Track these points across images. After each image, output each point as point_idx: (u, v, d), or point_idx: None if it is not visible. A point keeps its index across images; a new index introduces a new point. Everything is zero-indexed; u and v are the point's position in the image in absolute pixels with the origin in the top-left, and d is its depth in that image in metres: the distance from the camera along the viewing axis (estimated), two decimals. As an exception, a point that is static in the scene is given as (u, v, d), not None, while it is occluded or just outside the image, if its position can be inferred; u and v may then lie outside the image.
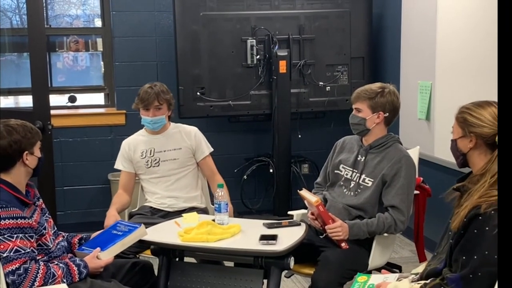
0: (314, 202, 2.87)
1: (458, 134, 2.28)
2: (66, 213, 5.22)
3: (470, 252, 2.06)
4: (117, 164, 3.62)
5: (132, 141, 3.62)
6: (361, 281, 2.43)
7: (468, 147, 2.23)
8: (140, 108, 3.52)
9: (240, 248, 2.74)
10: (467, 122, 2.23)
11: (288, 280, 3.87)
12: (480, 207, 2.06)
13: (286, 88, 5.08)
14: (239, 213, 4.67)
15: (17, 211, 2.45)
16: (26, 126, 2.60)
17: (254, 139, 5.60)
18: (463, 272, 2.05)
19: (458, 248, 2.11)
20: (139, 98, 3.51)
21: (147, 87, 3.51)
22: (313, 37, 5.22)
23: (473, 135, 2.21)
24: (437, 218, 2.29)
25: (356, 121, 3.08)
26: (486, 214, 2.04)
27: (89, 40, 5.61)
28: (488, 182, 2.11)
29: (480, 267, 2.02)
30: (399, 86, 4.84)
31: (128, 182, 3.59)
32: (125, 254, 2.97)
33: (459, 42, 4.13)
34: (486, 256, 2.02)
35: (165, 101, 3.51)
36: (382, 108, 3.02)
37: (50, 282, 2.44)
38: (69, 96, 5.48)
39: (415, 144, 3.74)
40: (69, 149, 5.26)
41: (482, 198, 2.08)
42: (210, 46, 5.05)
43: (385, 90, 3.03)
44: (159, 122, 3.53)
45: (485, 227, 2.03)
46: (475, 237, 2.06)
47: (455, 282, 2.06)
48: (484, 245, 2.02)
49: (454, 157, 2.33)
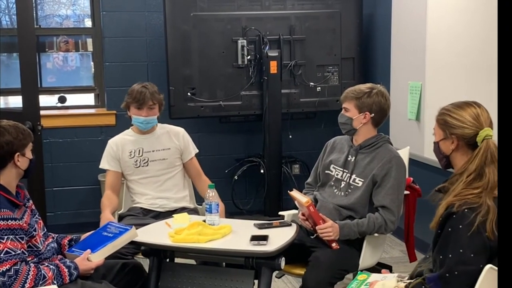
0: (305, 202, 2.88)
1: (439, 136, 2.29)
2: (56, 214, 5.20)
3: (446, 251, 2.08)
4: (103, 164, 3.57)
5: (119, 140, 3.59)
6: (360, 279, 2.45)
7: (450, 148, 2.25)
8: (132, 107, 3.50)
9: (231, 248, 2.74)
10: (448, 124, 2.24)
11: (279, 281, 3.87)
12: (453, 206, 2.07)
13: (277, 89, 5.08)
14: (230, 213, 4.67)
15: (7, 213, 2.44)
16: (18, 127, 2.59)
17: (245, 139, 5.60)
18: (441, 272, 2.07)
19: (436, 248, 2.13)
20: (132, 97, 3.48)
21: (139, 86, 3.50)
22: (303, 38, 5.23)
23: (455, 137, 2.22)
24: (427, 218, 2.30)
25: (343, 121, 3.10)
26: (459, 212, 2.06)
27: (79, 40, 5.59)
28: (463, 182, 2.13)
29: (456, 265, 2.04)
30: (389, 87, 4.85)
31: (116, 182, 3.55)
32: (122, 255, 2.97)
33: (449, 43, 4.15)
34: (461, 254, 2.03)
35: (158, 101, 3.51)
36: (368, 109, 3.03)
37: (41, 284, 2.43)
38: (59, 96, 5.46)
39: (405, 144, 3.75)
40: (59, 150, 5.23)
41: (457, 197, 2.10)
42: (200, 47, 5.05)
43: (373, 91, 3.03)
44: (151, 122, 3.52)
45: (458, 225, 2.05)
46: (449, 236, 2.07)
47: (433, 282, 2.08)
48: (459, 243, 2.04)
49: (438, 159, 2.34)
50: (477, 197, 2.07)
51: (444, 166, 2.33)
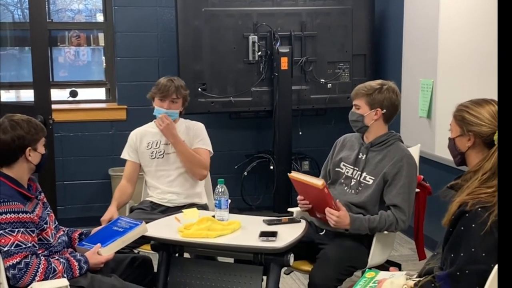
0: (321, 185, 2.79)
1: (456, 133, 2.27)
2: (66, 208, 5.23)
3: (457, 250, 2.06)
4: (123, 154, 3.63)
5: (140, 132, 3.64)
6: (368, 277, 2.44)
7: (466, 146, 2.22)
8: (156, 98, 3.52)
9: (240, 244, 2.74)
10: (465, 121, 2.22)
11: (288, 277, 3.87)
12: (467, 205, 2.06)
13: (287, 85, 5.08)
14: (239, 209, 4.68)
15: (18, 206, 2.45)
16: (31, 122, 2.59)
17: (255, 135, 5.60)
18: (451, 270, 2.06)
19: (447, 246, 2.12)
20: (157, 88, 3.52)
21: (166, 79, 3.54)
22: (315, 34, 5.22)
23: (472, 134, 2.20)
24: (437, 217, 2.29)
25: (355, 118, 3.08)
26: (472, 211, 2.04)
27: (90, 35, 5.61)
28: (478, 180, 2.11)
29: (467, 264, 2.03)
30: (400, 84, 4.84)
31: (133, 172, 3.59)
32: (127, 247, 2.98)
33: (461, 40, 4.12)
34: (473, 254, 2.02)
35: (182, 96, 3.53)
36: (379, 105, 3.02)
37: (51, 277, 2.45)
38: (71, 90, 5.49)
39: (416, 142, 3.74)
40: (70, 144, 5.26)
41: (470, 196, 2.08)
42: (211, 42, 5.05)
43: (384, 87, 3.03)
44: (172, 115, 3.53)
45: (471, 224, 2.04)
46: (461, 235, 2.06)
47: (443, 280, 2.07)
48: (471, 242, 2.03)
49: (452, 155, 2.32)
50: (491, 196, 2.06)
51: (458, 163, 2.31)
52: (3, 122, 2.56)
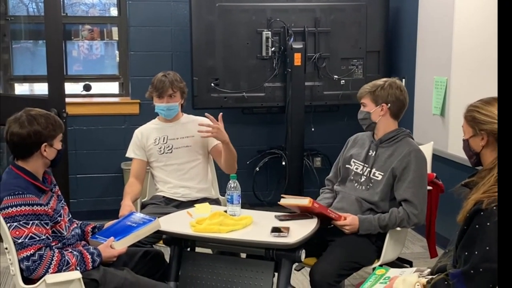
0: (308, 203, 2.83)
1: (469, 134, 2.27)
2: (79, 201, 5.26)
3: (472, 248, 2.06)
4: (129, 153, 3.64)
5: (144, 129, 3.65)
6: (379, 273, 2.44)
7: (480, 145, 2.22)
8: (154, 96, 3.55)
9: (252, 239, 2.74)
10: (477, 120, 2.22)
11: (299, 273, 3.87)
12: (482, 203, 2.06)
13: (300, 81, 5.07)
14: (251, 205, 4.68)
15: (33, 198, 2.47)
16: (49, 118, 2.59)
17: (267, 131, 5.60)
18: (465, 268, 2.05)
19: (461, 244, 2.12)
20: (153, 86, 3.55)
21: (160, 75, 3.55)
22: (328, 30, 5.20)
23: (484, 133, 2.20)
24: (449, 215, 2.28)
25: (362, 116, 3.12)
26: (487, 210, 2.04)
27: (104, 29, 5.62)
28: (494, 177, 2.11)
29: (481, 262, 2.02)
30: (414, 81, 4.82)
31: (140, 170, 3.61)
32: (141, 243, 2.99)
33: (476, 38, 4.10)
34: (487, 252, 2.01)
35: (178, 89, 3.54)
36: (383, 100, 3.04)
37: (64, 270, 2.47)
38: (84, 84, 5.51)
39: (429, 139, 3.73)
40: (83, 137, 5.29)
41: (486, 194, 2.08)
42: (225, 37, 5.05)
43: (386, 83, 3.06)
44: (172, 109, 3.55)
45: (486, 223, 2.03)
46: (476, 233, 2.06)
47: (456, 278, 2.06)
48: (486, 240, 2.02)
49: (467, 156, 2.31)
50: None
51: (474, 163, 2.30)
52: (21, 116, 2.56)
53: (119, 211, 3.26)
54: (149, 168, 3.67)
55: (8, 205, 2.44)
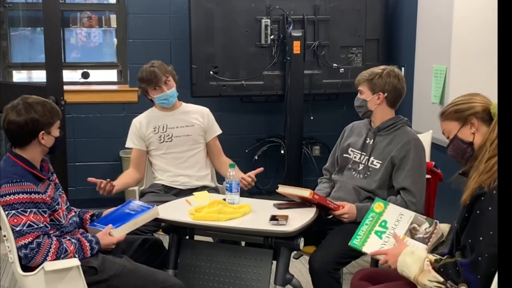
0: (309, 195, 2.83)
1: (456, 128, 2.27)
2: (77, 189, 5.25)
3: (476, 235, 2.06)
4: (128, 143, 3.63)
5: (143, 118, 3.63)
6: (376, 210, 2.44)
7: (471, 132, 2.23)
8: (150, 89, 3.51)
9: (250, 228, 2.74)
10: (458, 111, 2.25)
11: (297, 262, 3.88)
12: (483, 187, 2.06)
13: (299, 69, 5.05)
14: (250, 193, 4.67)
15: (31, 186, 2.47)
16: (46, 105, 2.57)
17: (266, 119, 5.60)
18: (472, 257, 2.06)
19: (465, 232, 2.12)
20: (144, 80, 3.50)
21: (147, 67, 3.51)
22: (328, 18, 5.18)
23: (470, 117, 2.23)
24: (448, 203, 2.28)
25: (359, 103, 3.11)
26: (488, 194, 2.05)
27: (102, 16, 5.60)
28: (488, 150, 2.13)
29: (486, 248, 2.03)
30: (413, 69, 4.80)
31: (139, 160, 3.60)
32: (142, 232, 3.00)
33: (475, 26, 4.08)
34: (491, 237, 2.02)
35: (170, 73, 3.53)
36: (380, 89, 3.03)
37: (62, 257, 2.46)
38: (82, 72, 5.49)
39: (428, 128, 3.72)
40: (81, 125, 5.28)
41: (485, 175, 2.09)
42: (224, 25, 5.03)
43: (384, 72, 3.05)
44: (173, 95, 3.55)
45: (487, 208, 2.04)
46: (478, 219, 2.06)
47: (464, 266, 2.07)
48: (488, 225, 2.03)
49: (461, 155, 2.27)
50: None
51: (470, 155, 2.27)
52: (17, 104, 2.55)
53: None
54: (148, 157, 3.66)
55: (6, 192, 2.44)
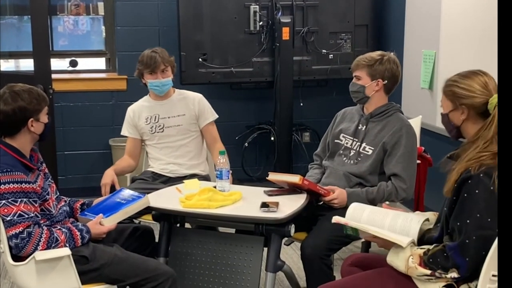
0: (298, 180, 2.84)
1: (448, 108, 2.28)
2: (67, 178, 5.25)
3: (463, 217, 2.08)
4: (123, 131, 3.65)
5: (136, 107, 3.64)
6: None
7: (460, 119, 2.24)
8: (146, 73, 3.50)
9: (241, 215, 2.75)
10: (456, 95, 2.23)
11: (288, 248, 3.89)
12: (469, 171, 2.07)
13: (288, 56, 5.04)
14: (240, 180, 4.69)
15: (21, 176, 2.45)
16: (32, 92, 2.57)
17: (255, 106, 5.59)
18: (460, 240, 2.07)
19: (453, 215, 2.13)
20: (143, 63, 3.50)
21: (149, 52, 3.51)
22: (317, 4, 5.17)
23: (465, 107, 2.21)
24: (438, 188, 2.29)
25: (356, 89, 3.08)
26: (474, 177, 2.06)
27: (90, 3, 5.55)
28: (480, 148, 2.12)
29: (474, 230, 2.04)
30: (402, 55, 4.81)
31: (134, 148, 3.62)
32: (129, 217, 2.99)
33: (464, 12, 4.09)
34: (478, 219, 2.04)
35: (169, 63, 3.53)
36: (380, 76, 3.02)
37: (53, 246, 2.46)
38: (70, 60, 5.46)
39: (418, 113, 3.74)
40: (70, 114, 5.25)
41: (472, 161, 2.09)
42: (212, 12, 5.00)
43: (384, 58, 3.03)
44: (167, 84, 3.54)
45: (475, 190, 2.05)
46: (466, 201, 2.08)
47: (453, 250, 2.08)
48: (476, 208, 2.04)
49: (447, 130, 2.33)
50: (492, 158, 2.06)
51: (454, 136, 2.32)
52: (4, 93, 2.53)
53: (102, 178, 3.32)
54: (144, 145, 3.68)
55: (-4, 182, 2.42)
